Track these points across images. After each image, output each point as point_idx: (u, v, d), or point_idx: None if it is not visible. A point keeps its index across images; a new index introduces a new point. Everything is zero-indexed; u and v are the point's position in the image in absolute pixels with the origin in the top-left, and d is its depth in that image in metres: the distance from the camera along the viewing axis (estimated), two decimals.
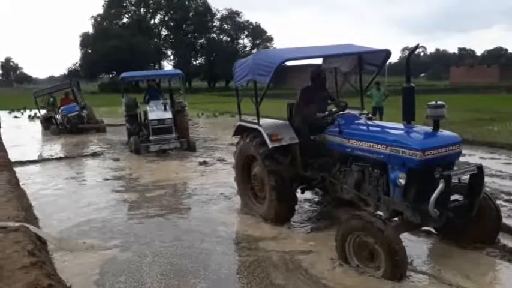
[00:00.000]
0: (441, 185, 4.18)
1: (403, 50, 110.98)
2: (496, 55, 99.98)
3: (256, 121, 6.14)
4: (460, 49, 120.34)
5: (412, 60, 5.92)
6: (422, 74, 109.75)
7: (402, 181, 4.44)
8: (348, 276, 4.36)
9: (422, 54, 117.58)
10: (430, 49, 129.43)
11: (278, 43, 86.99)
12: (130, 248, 5.35)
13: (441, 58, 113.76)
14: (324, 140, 5.73)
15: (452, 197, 4.64)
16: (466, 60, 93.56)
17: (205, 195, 7.72)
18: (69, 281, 4.31)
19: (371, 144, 4.87)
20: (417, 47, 5.12)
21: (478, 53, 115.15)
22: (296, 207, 6.07)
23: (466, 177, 4.66)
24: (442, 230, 5.09)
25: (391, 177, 4.62)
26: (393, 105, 12.61)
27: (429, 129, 4.65)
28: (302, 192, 6.41)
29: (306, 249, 5.15)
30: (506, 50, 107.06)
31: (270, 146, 5.70)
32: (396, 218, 4.83)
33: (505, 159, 10.08)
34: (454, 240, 5.06)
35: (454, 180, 4.44)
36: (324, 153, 5.77)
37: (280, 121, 6.55)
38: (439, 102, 4.52)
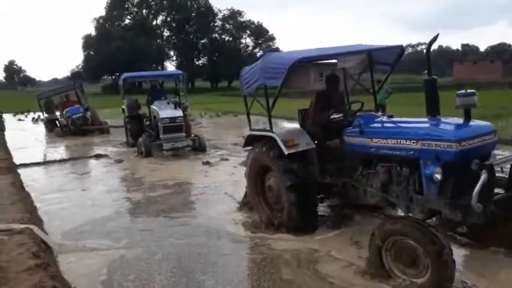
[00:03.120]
0: (484, 176, 3.80)
1: (406, 47, 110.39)
2: (499, 51, 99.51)
3: (268, 129, 5.85)
4: (463, 45, 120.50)
5: (415, 56, 5.86)
6: (426, 71, 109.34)
7: (438, 176, 4.07)
8: (355, 276, 4.30)
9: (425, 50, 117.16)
10: (434, 45, 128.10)
11: (280, 42, 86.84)
12: (137, 248, 5.34)
13: (444, 54, 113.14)
14: (343, 143, 5.38)
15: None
16: (469, 57, 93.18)
17: (210, 195, 7.72)
18: (74, 282, 4.31)
19: (398, 140, 4.53)
20: (437, 37, 4.71)
21: (482, 49, 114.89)
22: None
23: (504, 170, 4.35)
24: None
25: (425, 174, 4.26)
26: (395, 103, 12.56)
27: (460, 119, 4.35)
28: (321, 202, 6.02)
29: (316, 248, 5.08)
30: (510, 45, 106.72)
31: (286, 152, 5.40)
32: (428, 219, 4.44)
33: None
34: (474, 241, 4.77)
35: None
36: (342, 157, 5.45)
37: (294, 127, 6.32)
38: (469, 90, 4.25)
